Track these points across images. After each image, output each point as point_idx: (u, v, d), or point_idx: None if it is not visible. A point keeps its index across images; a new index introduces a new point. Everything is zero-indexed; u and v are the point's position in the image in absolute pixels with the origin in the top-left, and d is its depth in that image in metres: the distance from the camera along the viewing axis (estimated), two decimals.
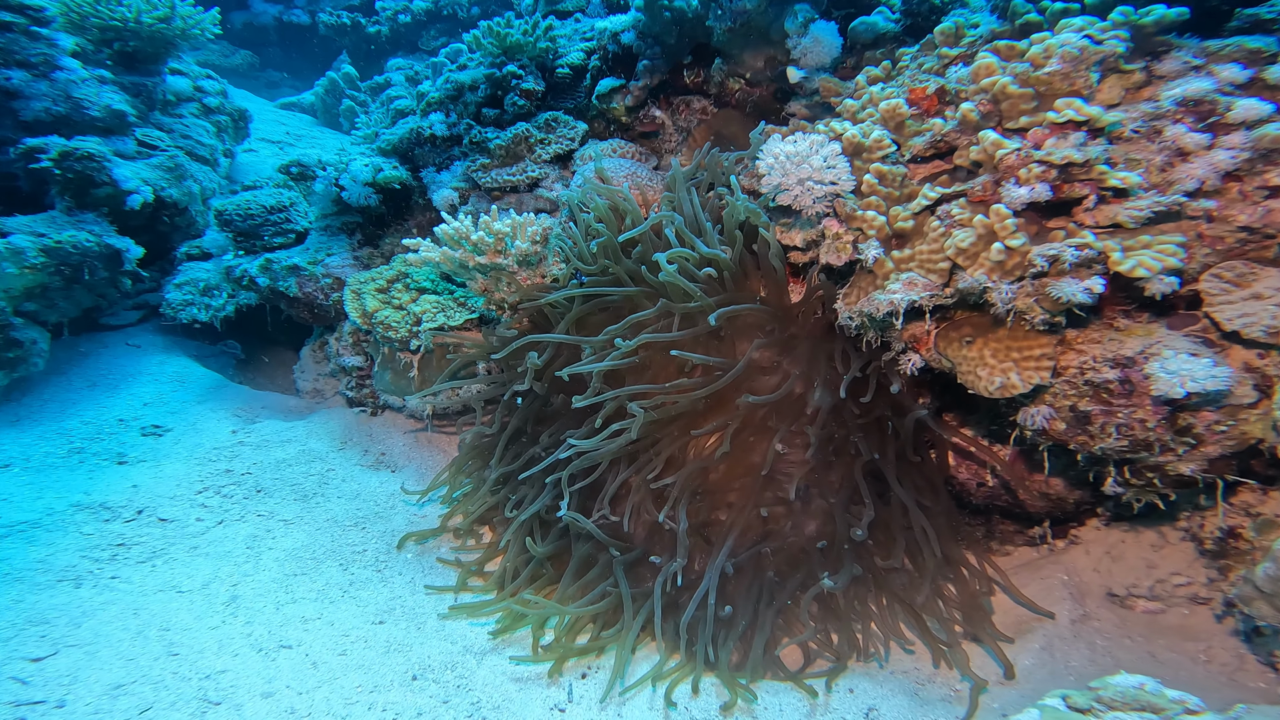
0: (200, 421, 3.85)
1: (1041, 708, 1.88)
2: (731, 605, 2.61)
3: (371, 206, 4.03)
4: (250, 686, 2.42)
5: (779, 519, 2.89)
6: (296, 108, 8.65)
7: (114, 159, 4.17)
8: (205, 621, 2.68)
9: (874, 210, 2.57)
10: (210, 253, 4.59)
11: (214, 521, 3.19)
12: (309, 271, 3.88)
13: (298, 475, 3.48)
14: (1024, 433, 2.32)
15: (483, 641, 2.88)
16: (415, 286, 3.69)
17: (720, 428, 2.82)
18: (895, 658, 2.66)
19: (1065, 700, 1.88)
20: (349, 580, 3.00)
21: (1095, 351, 2.12)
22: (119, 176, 4.09)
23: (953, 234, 2.30)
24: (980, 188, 2.30)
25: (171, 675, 2.42)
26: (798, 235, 2.90)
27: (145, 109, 4.98)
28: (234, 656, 2.54)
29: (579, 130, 3.96)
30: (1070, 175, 2.12)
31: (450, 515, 3.36)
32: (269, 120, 7.64)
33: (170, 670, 2.44)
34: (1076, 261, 2.03)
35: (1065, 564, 2.66)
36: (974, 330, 2.36)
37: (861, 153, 2.68)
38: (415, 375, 3.71)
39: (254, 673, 2.48)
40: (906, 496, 2.54)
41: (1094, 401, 2.11)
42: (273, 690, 2.42)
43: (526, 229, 3.23)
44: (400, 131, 4.21)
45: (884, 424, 2.71)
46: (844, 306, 2.61)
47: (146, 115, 5.00)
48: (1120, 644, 2.43)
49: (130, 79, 5.01)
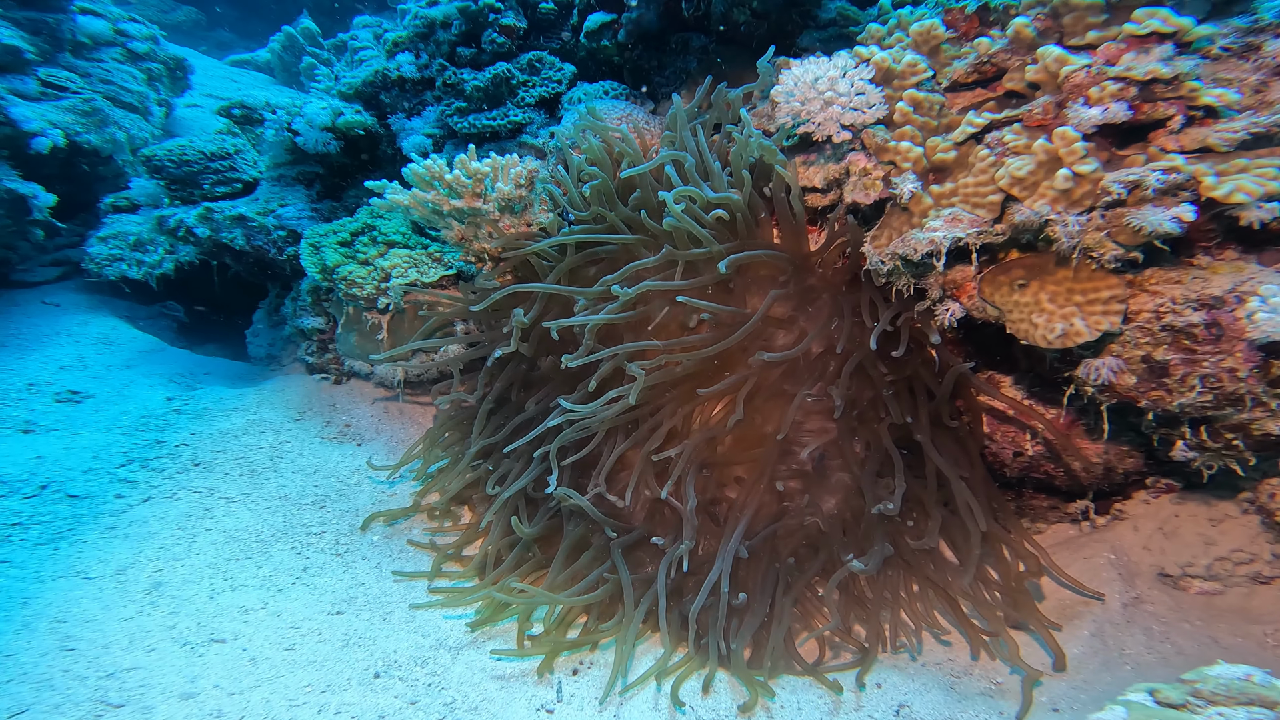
0: (128, 387, 3.42)
1: (1126, 704, 1.60)
2: (745, 592, 2.31)
3: (332, 155, 3.62)
4: (166, 686, 2.07)
5: (794, 495, 2.59)
6: (250, 65, 8.09)
7: (10, 98, 3.70)
8: (115, 613, 2.30)
9: (909, 141, 2.27)
10: (140, 204, 4.11)
11: (138, 499, 2.79)
12: (258, 223, 3.45)
13: (244, 448, 3.08)
14: (1083, 390, 2.05)
15: (460, 634, 2.55)
16: (384, 240, 3.31)
17: (731, 390, 2.51)
18: (927, 648, 2.38)
19: (1153, 695, 1.61)
20: (303, 565, 2.64)
21: (1174, 292, 1.85)
22: (17, 116, 3.63)
23: (1006, 163, 2.01)
24: (1040, 110, 2.01)
25: (62, 674, 2.06)
26: (817, 174, 2.59)
27: (50, 49, 4.49)
28: (149, 652, 2.17)
29: (566, 72, 3.60)
30: (1153, 94, 1.84)
31: (424, 492, 3.01)
32: (217, 76, 7.09)
33: (61, 668, 2.08)
34: (1162, 187, 1.74)
35: (1111, 542, 2.40)
36: (1027, 272, 2.07)
37: (892, 79, 2.37)
38: (384, 338, 3.33)
39: (173, 671, 2.12)
40: (947, 465, 2.25)
41: (1173, 350, 1.84)
42: (195, 691, 2.06)
43: (509, 170, 2.87)
44: (363, 74, 3.81)
45: (915, 385, 2.42)
46: (873, 250, 2.31)
47: (53, 56, 4.50)
48: (1178, 628, 2.18)
49: (26, 15, 4.51)
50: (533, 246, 2.74)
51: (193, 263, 3.80)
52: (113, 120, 4.17)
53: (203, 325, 4.38)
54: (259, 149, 3.85)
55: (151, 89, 4.98)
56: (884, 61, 2.36)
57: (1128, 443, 2.27)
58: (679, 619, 2.47)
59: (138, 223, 3.97)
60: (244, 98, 3.88)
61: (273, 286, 3.92)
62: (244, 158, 3.81)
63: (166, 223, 3.64)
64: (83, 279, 4.18)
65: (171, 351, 3.79)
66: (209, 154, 3.62)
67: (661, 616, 2.33)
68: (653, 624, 2.51)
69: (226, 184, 3.67)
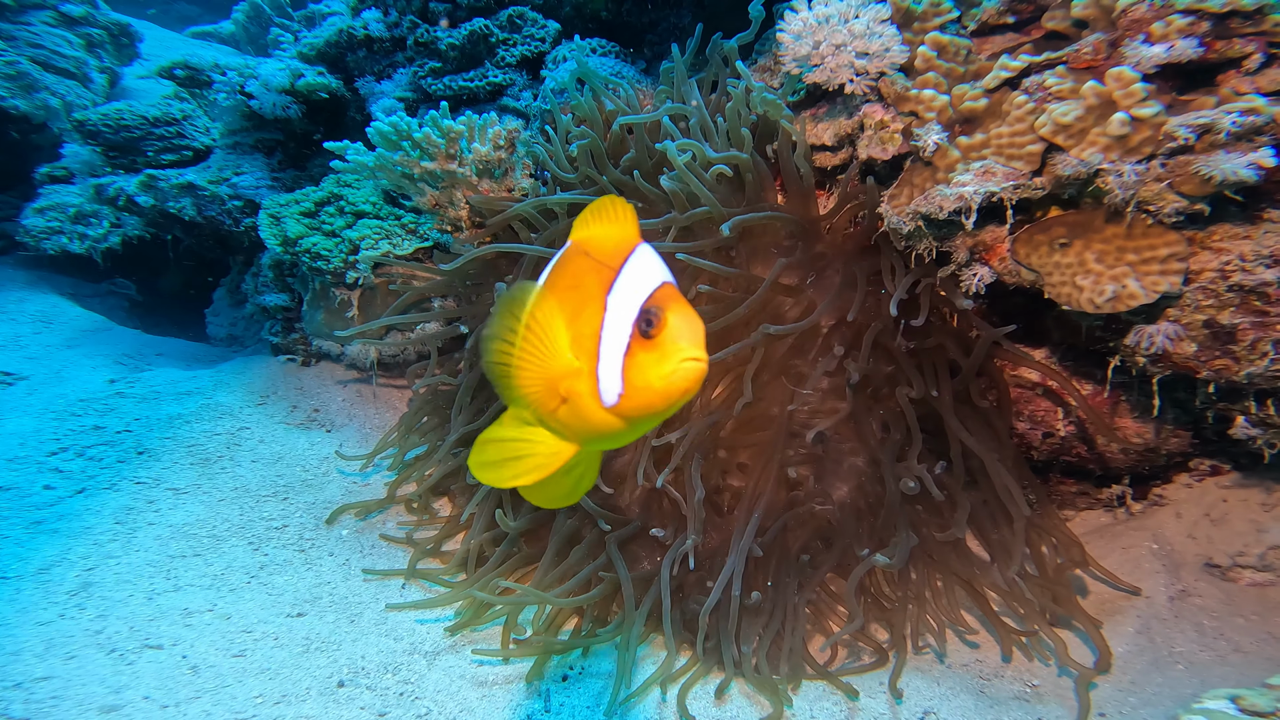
0: (67, 369, 3.12)
1: (1206, 713, 1.40)
2: (756, 590, 2.09)
3: (293, 120, 3.33)
4: (84, 698, 1.82)
5: (804, 482, 2.37)
6: (214, 38, 7.69)
7: None
8: (32, 616, 2.05)
9: (932, 89, 2.05)
10: (75, 172, 3.78)
11: (70, 490, 2.51)
12: (210, 192, 3.14)
13: (197, 434, 2.80)
14: (1133, 361, 1.84)
15: (437, 638, 2.32)
16: (352, 210, 3.04)
17: (736, 362, 2.28)
18: (953, 648, 2.18)
19: (1236, 702, 1.41)
20: (259, 563, 2.38)
21: (1244, 248, 1.64)
22: None
23: (1049, 109, 1.79)
24: (1090, 49, 1.79)
25: None
26: (827, 130, 2.36)
27: None
28: (67, 660, 1.92)
29: (550, 29, 3.33)
30: (1229, 29, 1.62)
31: (400, 482, 2.76)
32: (176, 48, 6.68)
33: None
34: (1238, 131, 1.53)
35: (1151, 530, 2.21)
36: (1070, 230, 1.86)
37: (913, 21, 2.15)
38: (355, 315, 3.07)
39: (95, 681, 1.87)
40: (979, 445, 2.04)
41: (1242, 312, 1.64)
42: (119, 703, 1.82)
43: (488, 130, 2.62)
44: (326, 33, 3.51)
45: (938, 358, 2.21)
46: (891, 210, 2.09)
47: None
48: (1231, 623, 1.99)
49: None
50: (515, 208, 2.49)
51: (143, 237, 3.49)
52: (43, 85, 3.82)
53: (158, 303, 4.06)
54: (211, 114, 3.53)
55: (92, 56, 4.60)
56: (902, 1, 2.13)
57: (1173, 420, 2.07)
58: (681, 620, 2.26)
59: (77, 193, 3.64)
60: (188, 57, 3.55)
61: (234, 262, 3.63)
62: (194, 124, 3.50)
63: (105, 191, 3.32)
64: (19, 254, 3.84)
65: (119, 331, 3.48)
66: (152, 119, 3.30)
67: (666, 618, 2.11)
68: (653, 625, 2.29)
69: (174, 151, 3.36)
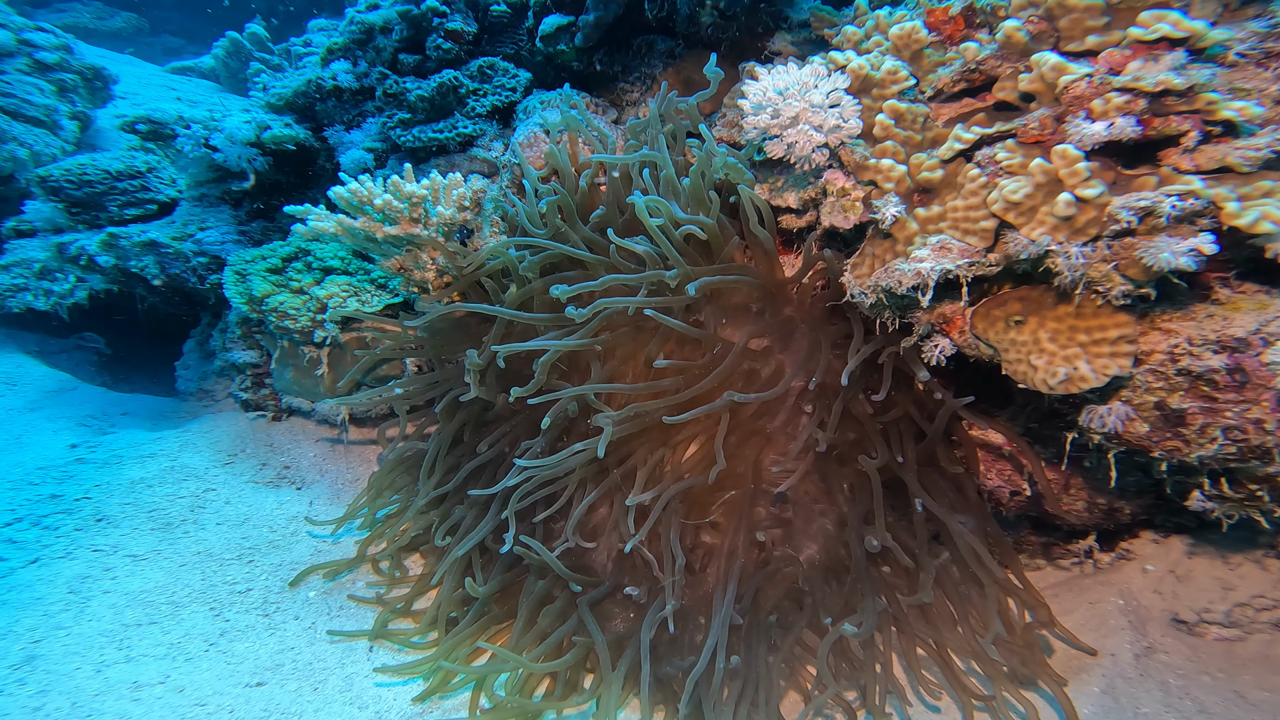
0: (28, 434, 3.09)
1: None
2: (737, 655, 2.09)
3: (261, 172, 3.31)
4: None
5: (774, 543, 2.37)
6: (194, 73, 7.65)
7: None
8: None
9: (890, 158, 2.07)
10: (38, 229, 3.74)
11: (23, 561, 2.48)
12: (174, 249, 3.11)
13: (159, 499, 2.77)
14: (1089, 437, 1.85)
15: (404, 706, 2.30)
16: (320, 265, 3.03)
17: (704, 426, 2.29)
18: (917, 714, 2.18)
19: None
20: (220, 629, 2.35)
21: (1190, 332, 1.66)
22: None
23: (1000, 184, 1.81)
24: (1036, 125, 1.81)
25: None
26: (791, 195, 2.38)
27: None
28: None
29: (521, 79, 3.34)
30: (1164, 107, 1.64)
31: (370, 540, 2.74)
32: (154, 85, 6.66)
33: None
34: (1178, 214, 1.55)
35: (1118, 585, 2.22)
36: (1024, 306, 1.87)
37: (871, 88, 2.16)
38: (324, 373, 3.05)
39: None
40: (944, 512, 2.05)
41: (1191, 397, 1.65)
42: None
43: (451, 192, 2.61)
44: (294, 83, 3.50)
45: (903, 423, 2.22)
46: (854, 280, 2.10)
47: None
48: (1197, 682, 2.00)
49: None
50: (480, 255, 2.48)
51: (111, 290, 3.46)
52: (11, 136, 3.78)
53: (128, 356, 4.03)
54: (177, 165, 3.51)
55: (64, 101, 4.56)
56: (861, 69, 2.15)
57: (1135, 484, 2.08)
58: (653, 682, 2.25)
59: (40, 248, 3.60)
60: (151, 112, 3.52)
61: (204, 314, 3.60)
62: (159, 175, 3.47)
63: (67, 250, 3.29)
64: None
65: (85, 390, 3.44)
66: (115, 173, 3.27)
67: (645, 684, 2.10)
68: (629, 688, 2.28)
69: (137, 205, 3.33)
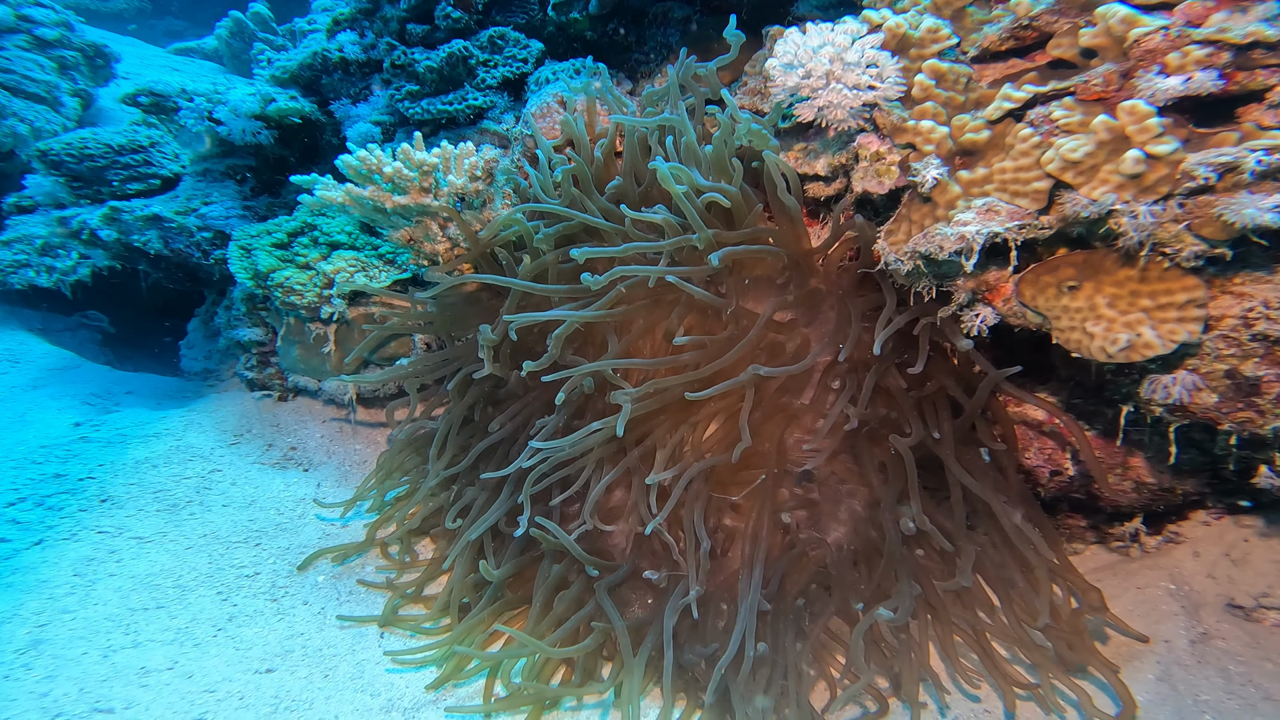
0: (31, 412, 3.00)
1: None
2: (764, 642, 2.00)
3: (265, 146, 3.20)
4: None
5: (799, 525, 2.27)
6: (196, 53, 7.54)
7: None
8: None
9: (930, 119, 1.95)
10: (39, 204, 3.64)
11: (27, 542, 2.40)
12: (177, 223, 3.01)
13: (164, 479, 2.68)
14: (1148, 409, 1.74)
15: (417, 693, 2.21)
16: (327, 240, 2.92)
17: (728, 401, 2.18)
18: (954, 700, 2.07)
19: None
20: (228, 614, 2.27)
21: (1268, 294, 1.54)
22: None
23: (1056, 143, 1.70)
24: (1100, 80, 1.69)
25: None
26: (820, 161, 2.27)
27: None
28: None
29: (533, 50, 3.22)
30: (1251, 60, 1.53)
31: (379, 523, 2.64)
32: (157, 65, 6.56)
33: None
34: (1263, 170, 1.44)
35: (1168, 569, 2.11)
36: (1079, 271, 1.76)
37: (909, 47, 2.04)
38: (331, 351, 2.95)
39: None
40: (987, 491, 1.94)
41: (1268, 363, 1.54)
42: None
43: (463, 161, 2.51)
44: (300, 56, 3.39)
45: (938, 398, 2.11)
46: (888, 247, 1.99)
47: None
48: (1259, 668, 1.90)
49: None
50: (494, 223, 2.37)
51: (114, 267, 3.37)
52: (11, 112, 3.68)
53: (132, 335, 3.93)
54: (180, 139, 3.41)
55: (65, 79, 4.46)
56: (898, 27, 2.03)
57: (1189, 462, 1.97)
58: (675, 669, 2.15)
59: (43, 224, 3.50)
60: (153, 84, 3.42)
61: (208, 292, 3.50)
62: (162, 150, 3.37)
63: (69, 224, 3.20)
64: None
65: (89, 368, 3.36)
66: (117, 147, 3.17)
67: (667, 672, 2.00)
68: (651, 676, 2.19)
69: (140, 180, 3.23)
